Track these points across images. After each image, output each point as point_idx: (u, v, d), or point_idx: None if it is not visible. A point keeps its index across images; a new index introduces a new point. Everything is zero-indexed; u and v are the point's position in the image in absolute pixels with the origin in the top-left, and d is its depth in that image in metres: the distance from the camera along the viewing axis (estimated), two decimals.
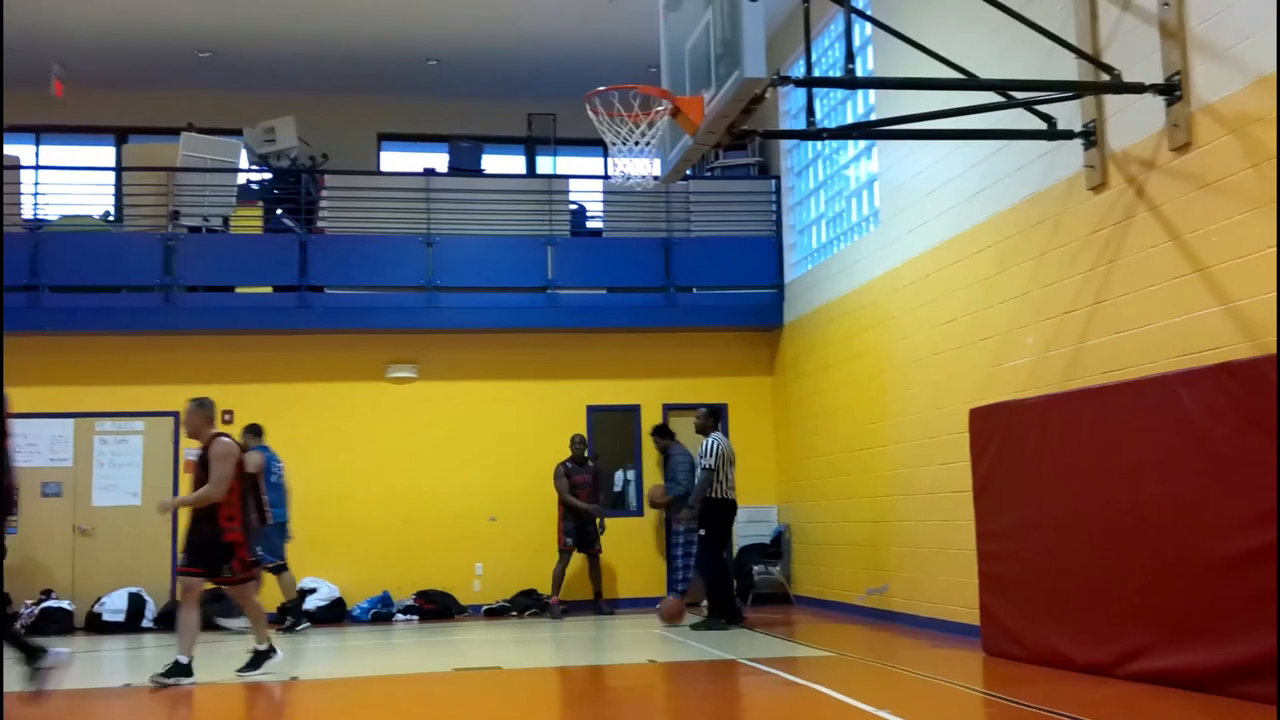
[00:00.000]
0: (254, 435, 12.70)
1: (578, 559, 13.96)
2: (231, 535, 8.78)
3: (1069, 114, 8.33)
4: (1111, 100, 8.00)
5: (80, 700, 8.46)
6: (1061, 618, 7.90)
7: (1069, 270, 8.49)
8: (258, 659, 9.02)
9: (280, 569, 12.68)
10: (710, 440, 11.80)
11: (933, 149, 10.56)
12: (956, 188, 10.22)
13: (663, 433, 14.09)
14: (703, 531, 11.67)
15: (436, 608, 13.94)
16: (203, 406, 8.98)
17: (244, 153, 15.34)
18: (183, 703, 8.45)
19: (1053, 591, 8.00)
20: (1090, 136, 8.19)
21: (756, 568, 14.27)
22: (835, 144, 13.39)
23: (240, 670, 8.92)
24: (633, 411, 15.14)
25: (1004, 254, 9.41)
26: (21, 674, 6.94)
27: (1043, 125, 8.35)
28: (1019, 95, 8.21)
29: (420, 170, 15.97)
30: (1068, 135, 8.30)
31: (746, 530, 14.65)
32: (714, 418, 12.20)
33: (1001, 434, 8.70)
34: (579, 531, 13.77)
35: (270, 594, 12.54)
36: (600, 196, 15.47)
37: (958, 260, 10.18)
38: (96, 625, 13.14)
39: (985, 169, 9.72)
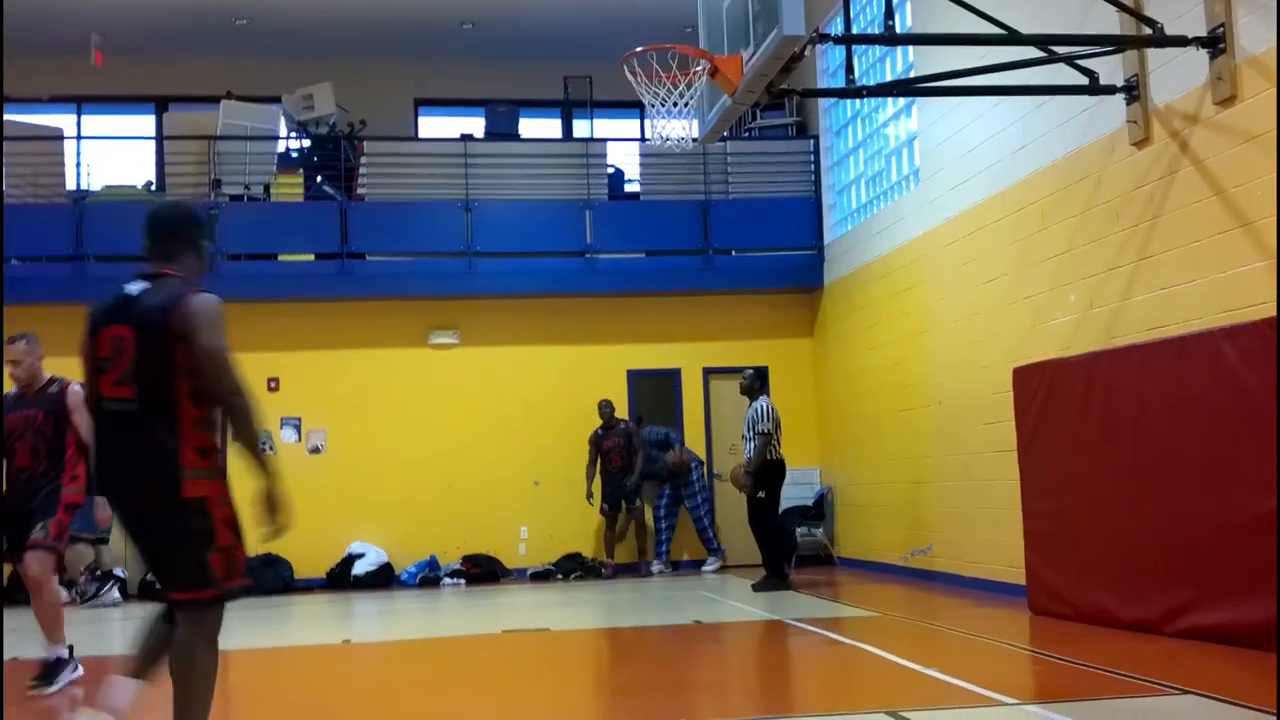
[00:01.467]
0: None
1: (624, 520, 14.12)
2: (72, 497, 7.02)
3: (1111, 68, 8.24)
4: (1154, 54, 7.91)
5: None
6: (1107, 575, 7.89)
7: (1111, 227, 8.43)
8: (53, 670, 6.85)
9: (102, 540, 12.91)
10: (764, 404, 11.77)
11: (973, 106, 10.47)
12: (997, 145, 10.14)
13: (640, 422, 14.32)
14: (761, 494, 11.64)
15: (483, 571, 14.07)
16: (36, 343, 7.28)
17: (283, 120, 15.41)
18: (239, 665, 8.59)
19: (1098, 549, 7.99)
20: (1132, 91, 8.11)
21: (799, 529, 14.30)
22: (874, 102, 13.29)
23: (34, 683, 6.73)
24: (673, 375, 15.17)
25: (1045, 211, 9.35)
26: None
27: (1084, 80, 8.27)
28: (1060, 50, 8.14)
29: (457, 135, 15.99)
30: (1110, 90, 8.21)
31: (789, 492, 14.55)
32: (760, 380, 12.15)
33: (1045, 392, 8.67)
34: (610, 495, 13.94)
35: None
36: (638, 159, 15.44)
37: (999, 218, 10.12)
38: (149, 592, 13.35)
39: (1026, 125, 9.65)
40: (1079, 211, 8.85)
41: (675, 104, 7.91)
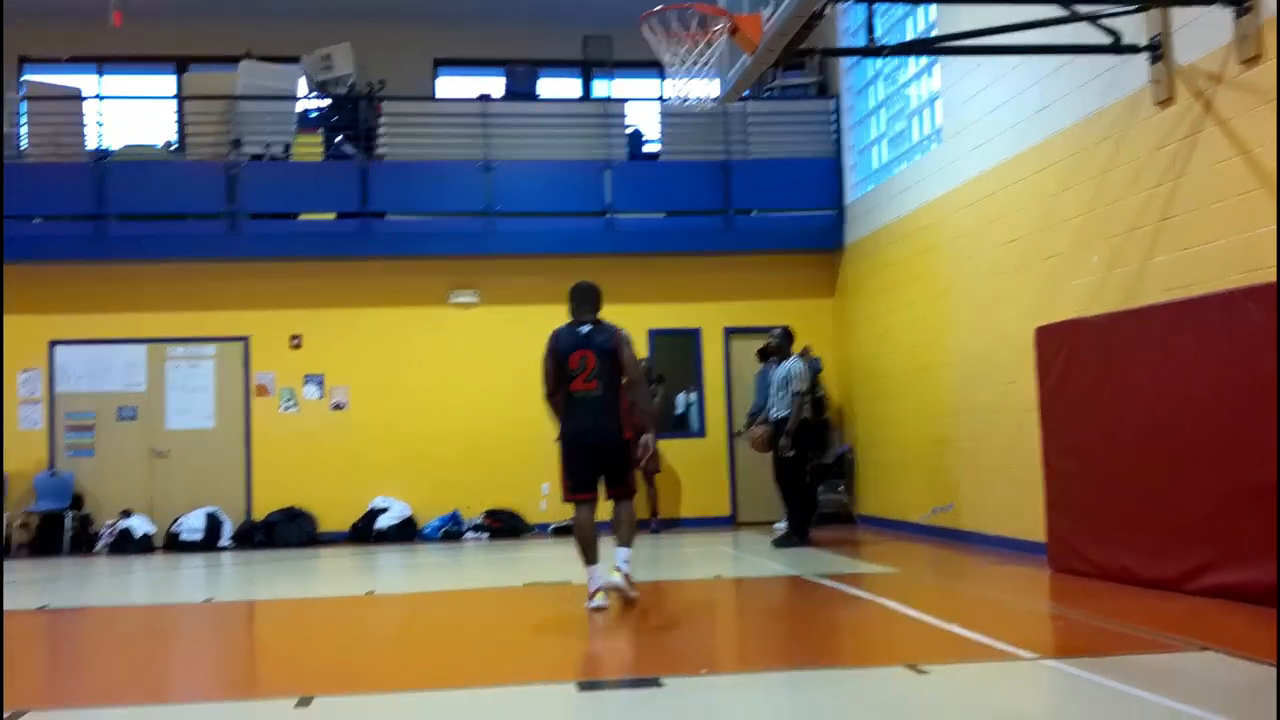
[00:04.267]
0: None
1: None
2: None
3: (1134, 28, 8.22)
4: (1178, 13, 7.89)
5: (162, 613, 8.76)
6: (1127, 534, 7.95)
7: (1134, 187, 8.43)
8: None
9: None
10: (796, 364, 11.77)
11: (995, 65, 10.44)
12: (1019, 105, 10.12)
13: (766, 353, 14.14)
14: (792, 453, 11.67)
15: (504, 526, 14.22)
16: None
17: (302, 80, 15.42)
18: (267, 615, 8.73)
19: (1118, 508, 8.04)
20: (1156, 50, 8.08)
21: (820, 488, 14.35)
22: (896, 61, 13.24)
23: None
24: (693, 335, 15.22)
25: (1067, 171, 9.34)
26: None
27: (1107, 39, 8.24)
28: (1083, 9, 8.10)
29: (476, 95, 15.97)
30: (1133, 49, 8.19)
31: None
32: (789, 339, 12.13)
33: (1067, 352, 8.70)
34: None
35: None
36: (657, 119, 15.42)
37: (1021, 178, 10.12)
38: (175, 545, 13.52)
39: (1049, 85, 9.62)
40: (1101, 172, 8.85)
41: (695, 63, 7.90)
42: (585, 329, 7.80)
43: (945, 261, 11.77)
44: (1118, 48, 8.23)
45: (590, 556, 7.74)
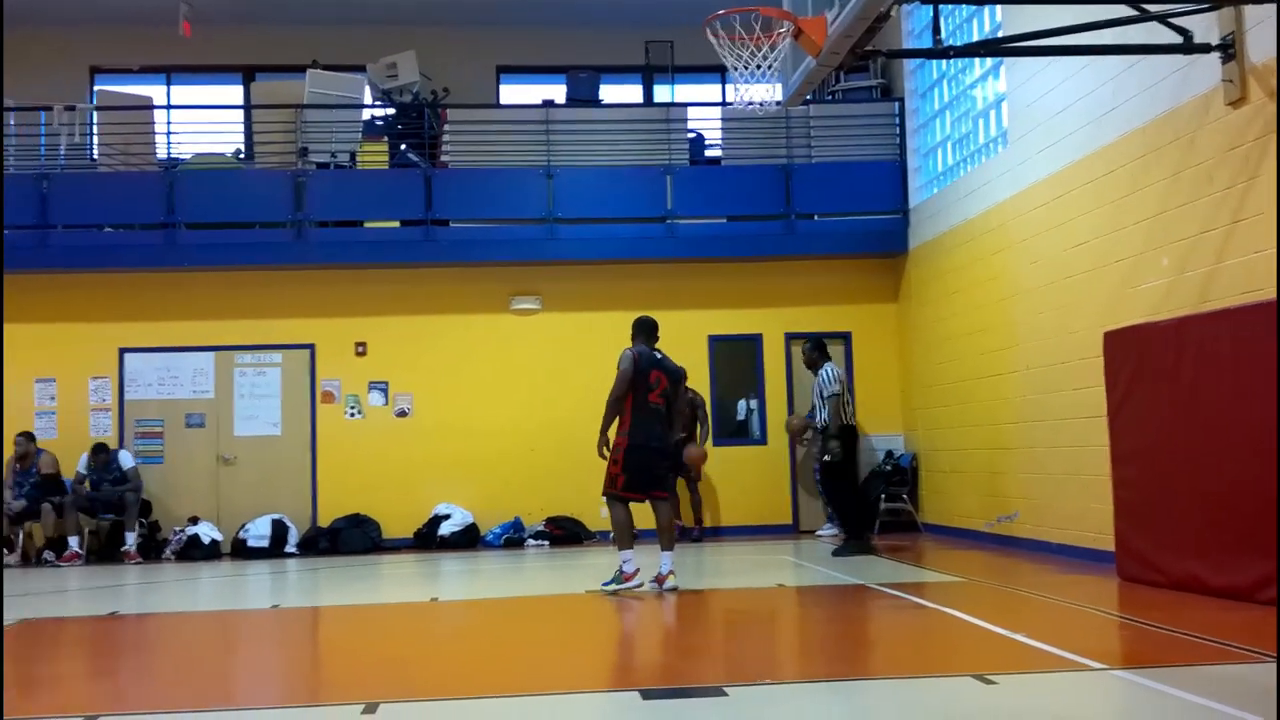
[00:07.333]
0: None
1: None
2: None
3: (1206, 26, 8.07)
4: (1251, 10, 7.73)
5: (228, 620, 8.85)
6: (1197, 543, 7.79)
7: (1205, 189, 8.27)
8: None
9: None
10: (829, 370, 11.70)
11: (1063, 66, 10.30)
12: (1087, 106, 9.98)
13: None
14: (828, 458, 11.58)
15: (566, 533, 14.23)
16: None
17: (367, 89, 15.55)
18: (333, 620, 8.80)
19: (1189, 516, 7.88)
20: (1229, 49, 7.93)
21: (882, 495, 14.24)
22: (961, 63, 13.11)
23: None
24: (754, 341, 15.14)
25: (1137, 173, 9.20)
26: None
27: (1178, 39, 8.10)
28: (1153, 8, 7.98)
29: (539, 102, 16.03)
30: (1204, 49, 8.04)
31: (872, 458, 14.68)
32: (820, 350, 12.03)
33: (1137, 357, 8.55)
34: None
35: None
36: (719, 124, 15.37)
37: (1089, 181, 9.97)
38: (241, 551, 13.66)
39: (1118, 86, 9.48)
40: (1171, 173, 8.70)
41: (758, 67, 7.87)
42: (659, 355, 9.26)
43: (1011, 265, 11.63)
44: (1188, 47, 8.09)
45: (630, 542, 9.05)
